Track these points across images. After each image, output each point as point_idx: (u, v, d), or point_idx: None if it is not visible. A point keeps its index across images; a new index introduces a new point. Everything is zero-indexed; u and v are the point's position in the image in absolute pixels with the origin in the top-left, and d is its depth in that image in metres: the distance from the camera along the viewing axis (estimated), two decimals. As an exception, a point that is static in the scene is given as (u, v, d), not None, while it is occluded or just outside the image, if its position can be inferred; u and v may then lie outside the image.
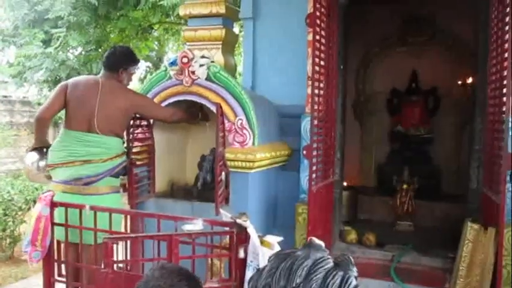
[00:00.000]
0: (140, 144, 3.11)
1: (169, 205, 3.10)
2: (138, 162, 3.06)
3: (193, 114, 3.21)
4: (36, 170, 2.79)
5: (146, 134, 3.14)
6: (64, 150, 2.73)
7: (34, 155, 2.80)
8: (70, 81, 2.85)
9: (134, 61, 2.99)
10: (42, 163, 2.80)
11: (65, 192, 2.67)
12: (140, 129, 3.11)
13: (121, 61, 2.89)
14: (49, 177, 2.77)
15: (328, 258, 0.94)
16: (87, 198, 2.63)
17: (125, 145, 2.94)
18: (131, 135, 2.96)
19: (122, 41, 7.82)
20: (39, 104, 9.86)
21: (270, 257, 0.98)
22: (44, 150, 2.81)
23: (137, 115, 2.97)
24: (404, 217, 3.87)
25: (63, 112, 2.86)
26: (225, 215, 2.11)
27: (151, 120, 3.14)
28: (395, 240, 3.38)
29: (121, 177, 2.88)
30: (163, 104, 3.10)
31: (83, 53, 8.11)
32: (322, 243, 0.99)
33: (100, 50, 7.97)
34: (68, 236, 2.37)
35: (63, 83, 2.84)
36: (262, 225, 2.99)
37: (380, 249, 3.18)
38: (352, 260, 0.97)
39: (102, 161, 2.72)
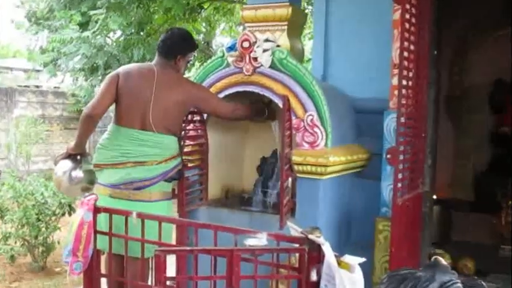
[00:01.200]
0: (191, 142, 3.17)
1: (224, 215, 3.15)
2: (189, 164, 3.12)
3: (259, 110, 3.23)
4: (68, 182, 2.77)
5: (199, 131, 3.20)
6: (115, 149, 2.81)
7: (67, 164, 2.79)
8: (121, 70, 2.92)
9: (194, 47, 3.07)
10: (76, 173, 2.79)
11: (112, 197, 2.77)
12: (192, 125, 3.18)
13: (179, 46, 2.95)
14: (85, 189, 2.79)
15: (457, 282, 0.91)
16: (136, 204, 2.70)
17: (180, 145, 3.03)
18: (182, 132, 3.02)
19: (167, 22, 8.02)
20: (73, 95, 10.36)
21: (382, 279, 0.97)
22: (78, 157, 2.83)
23: (193, 109, 3.04)
24: (510, 240, 3.73)
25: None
26: (293, 229, 2.10)
27: (205, 115, 3.20)
28: (499, 268, 3.27)
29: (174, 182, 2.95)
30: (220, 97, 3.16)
31: (123, 37, 8.41)
32: (447, 264, 0.96)
33: (142, 34, 8.23)
34: (112, 247, 2.44)
35: (113, 72, 2.92)
36: (333, 243, 2.84)
37: (482, 279, 3.05)
38: (485, 285, 0.93)
39: (157, 162, 2.79)
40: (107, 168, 2.82)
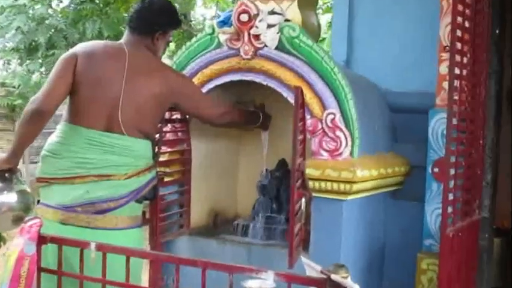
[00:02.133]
0: (169, 149, 3.17)
1: (212, 248, 3.16)
2: (166, 179, 3.13)
3: (253, 116, 3.29)
4: None
5: (180, 133, 3.21)
6: (69, 158, 2.80)
7: None
8: (80, 50, 2.92)
9: (178, 21, 3.12)
10: (4, 198, 2.74)
11: (64, 224, 2.75)
12: (170, 125, 3.19)
13: (159, 20, 2.99)
14: (18, 220, 2.69)
15: None
16: (97, 233, 2.70)
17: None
18: (157, 135, 3.05)
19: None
20: (3, 84, 10.31)
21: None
22: (7, 174, 2.77)
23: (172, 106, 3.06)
24: None
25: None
26: (310, 268, 2.08)
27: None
28: None
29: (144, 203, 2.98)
30: (204, 90, 3.18)
31: (72, 6, 8.39)
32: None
33: (97, 1, 8.21)
34: (63, 290, 2.44)
35: (69, 53, 2.92)
36: (362, 285, 2.92)
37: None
38: None
39: (127, 176, 2.81)
40: (57, 184, 2.81)
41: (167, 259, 2.39)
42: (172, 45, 9.18)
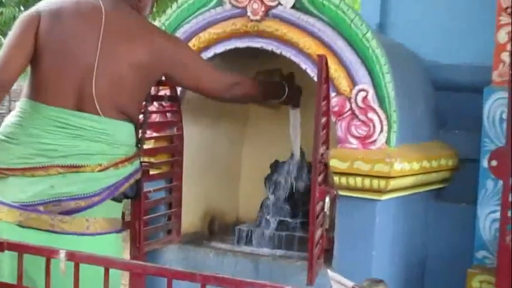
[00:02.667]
0: (156, 134, 3.17)
1: (208, 259, 3.15)
2: (152, 172, 3.12)
3: (275, 89, 3.27)
4: None
5: (170, 114, 3.20)
6: (30, 143, 2.76)
7: None
8: (43, 7, 2.86)
9: None
10: None
11: (23, 226, 2.70)
12: (156, 104, 3.18)
13: None
14: None
15: None
16: (65, 239, 2.67)
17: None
18: (141, 116, 3.01)
19: None
20: None
21: None
22: None
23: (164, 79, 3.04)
24: None
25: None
26: (338, 283, 2.15)
27: (179, 90, 3.20)
28: None
29: (124, 202, 2.95)
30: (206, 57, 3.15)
31: None
32: None
33: None
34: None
35: (30, 12, 2.87)
36: None
37: None
38: None
39: (102, 168, 2.77)
40: (14, 176, 2.75)
41: (158, 272, 2.32)
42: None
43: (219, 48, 3.14)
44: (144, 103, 3.01)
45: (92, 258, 2.30)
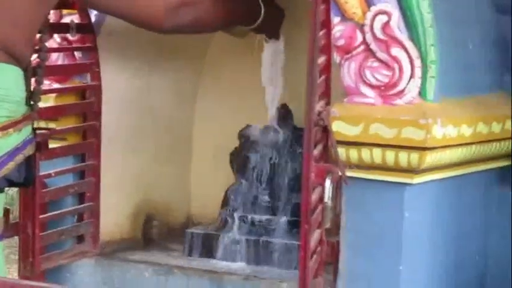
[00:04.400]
0: (58, 85, 3.18)
1: (143, 281, 3.18)
2: (53, 146, 3.09)
3: (243, 8, 3.29)
4: None
5: (80, 55, 3.20)
6: None
7: None
8: None
9: None
10: None
11: None
12: (57, 37, 3.17)
13: None
14: None
15: None
16: None
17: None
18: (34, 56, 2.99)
19: None
20: None
21: None
22: None
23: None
24: None
25: None
26: None
27: (93, 15, 3.19)
28: None
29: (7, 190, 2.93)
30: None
31: None
32: None
33: None
34: None
35: None
36: None
37: None
38: None
39: None
40: None
41: None
42: None
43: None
44: (39, 36, 3.00)
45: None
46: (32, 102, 2.97)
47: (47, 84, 3.11)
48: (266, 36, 3.43)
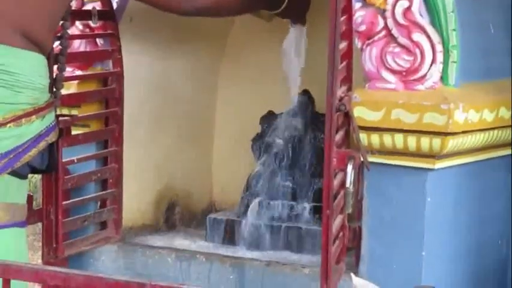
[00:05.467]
0: (80, 72, 3.18)
1: (166, 266, 3.18)
2: (75, 132, 3.12)
3: None
4: None
5: (101, 40, 3.21)
6: None
7: None
8: None
9: None
10: None
11: None
12: (79, 24, 3.18)
13: None
14: None
15: None
16: None
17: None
18: (57, 43, 2.99)
19: None
20: None
21: None
22: None
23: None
24: None
25: None
26: None
27: (114, 0, 3.18)
28: None
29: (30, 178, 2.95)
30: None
31: None
32: None
33: None
34: None
35: None
36: None
37: None
38: None
39: None
40: None
41: (87, 284, 2.34)
42: None
43: None
44: (61, 23, 2.99)
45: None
46: (54, 89, 2.97)
47: (69, 71, 3.12)
48: (291, 21, 3.42)
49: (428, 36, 2.91)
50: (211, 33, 3.63)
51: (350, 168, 2.79)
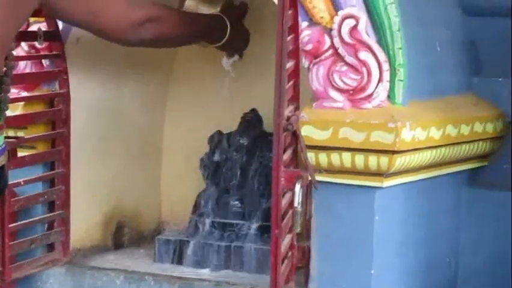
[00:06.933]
0: (26, 94, 3.16)
1: (112, 286, 3.18)
2: (23, 153, 3.10)
3: (210, 25, 3.33)
4: None
5: (47, 61, 3.19)
6: None
7: None
8: None
9: None
10: None
11: None
12: (25, 45, 3.17)
13: None
14: None
15: None
16: None
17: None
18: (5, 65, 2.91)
19: None
20: None
21: None
22: None
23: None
24: None
25: None
26: None
27: (61, 23, 3.17)
28: None
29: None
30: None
31: None
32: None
33: None
34: None
35: None
36: None
37: None
38: None
39: None
40: None
41: None
42: None
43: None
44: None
45: None
46: (0, 112, 2.96)
47: (15, 92, 3.09)
48: (227, 53, 3.51)
49: (375, 55, 2.90)
50: (159, 56, 3.63)
51: (298, 187, 2.81)
